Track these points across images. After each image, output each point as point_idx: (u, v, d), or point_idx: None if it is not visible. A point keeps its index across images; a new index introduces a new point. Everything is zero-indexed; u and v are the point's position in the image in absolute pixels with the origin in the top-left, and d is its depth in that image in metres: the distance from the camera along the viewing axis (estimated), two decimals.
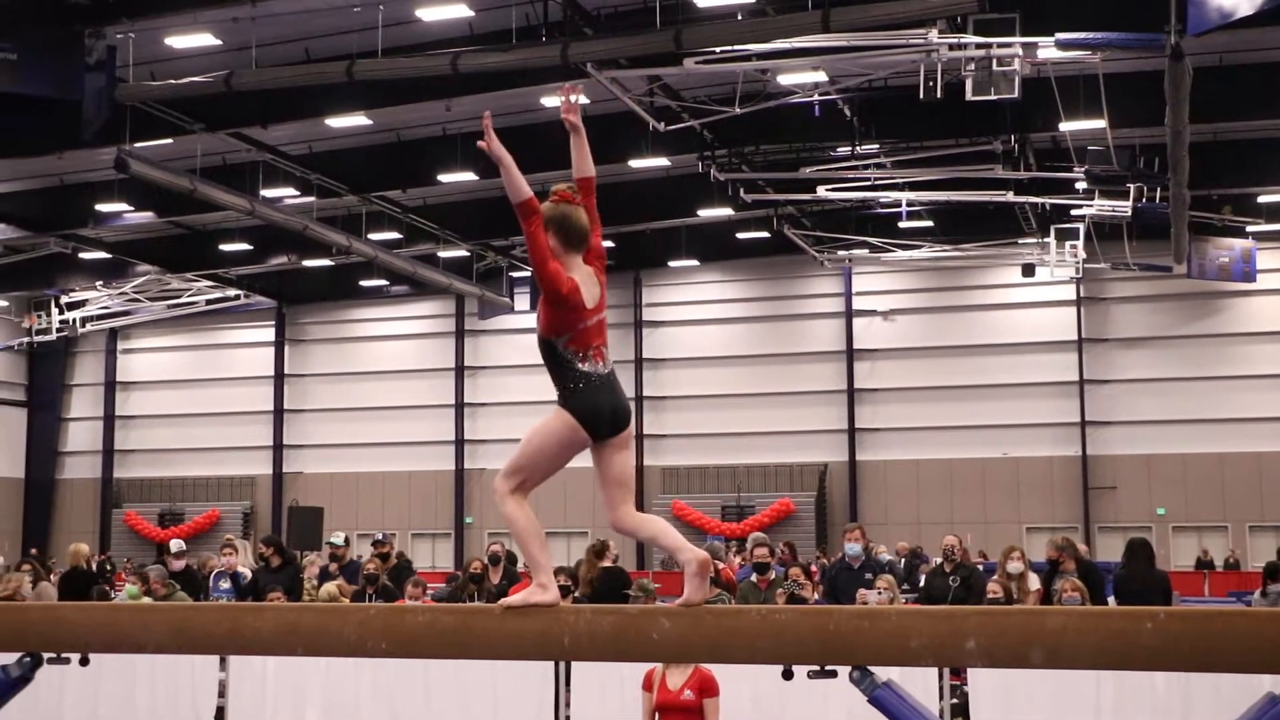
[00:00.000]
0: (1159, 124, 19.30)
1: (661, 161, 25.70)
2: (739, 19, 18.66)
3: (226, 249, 31.56)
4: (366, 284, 34.90)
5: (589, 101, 22.93)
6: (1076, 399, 31.95)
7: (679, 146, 24.48)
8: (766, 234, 30.66)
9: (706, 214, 29.44)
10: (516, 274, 32.96)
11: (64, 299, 35.92)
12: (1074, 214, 26.44)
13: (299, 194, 27.00)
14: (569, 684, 9.05)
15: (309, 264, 33.00)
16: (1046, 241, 27.58)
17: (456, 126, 24.67)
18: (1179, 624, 3.99)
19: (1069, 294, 32.06)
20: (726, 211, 28.86)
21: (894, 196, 26.54)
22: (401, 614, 4.89)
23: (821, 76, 21.02)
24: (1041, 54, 18.26)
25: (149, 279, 34.60)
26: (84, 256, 32.76)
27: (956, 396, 32.55)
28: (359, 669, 9.11)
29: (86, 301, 36.06)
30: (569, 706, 9.08)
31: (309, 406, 37.92)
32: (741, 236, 31.74)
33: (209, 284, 35.20)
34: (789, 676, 4.39)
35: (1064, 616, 4.18)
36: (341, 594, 11.70)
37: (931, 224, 29.48)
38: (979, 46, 17.61)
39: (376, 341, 37.56)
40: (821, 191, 25.86)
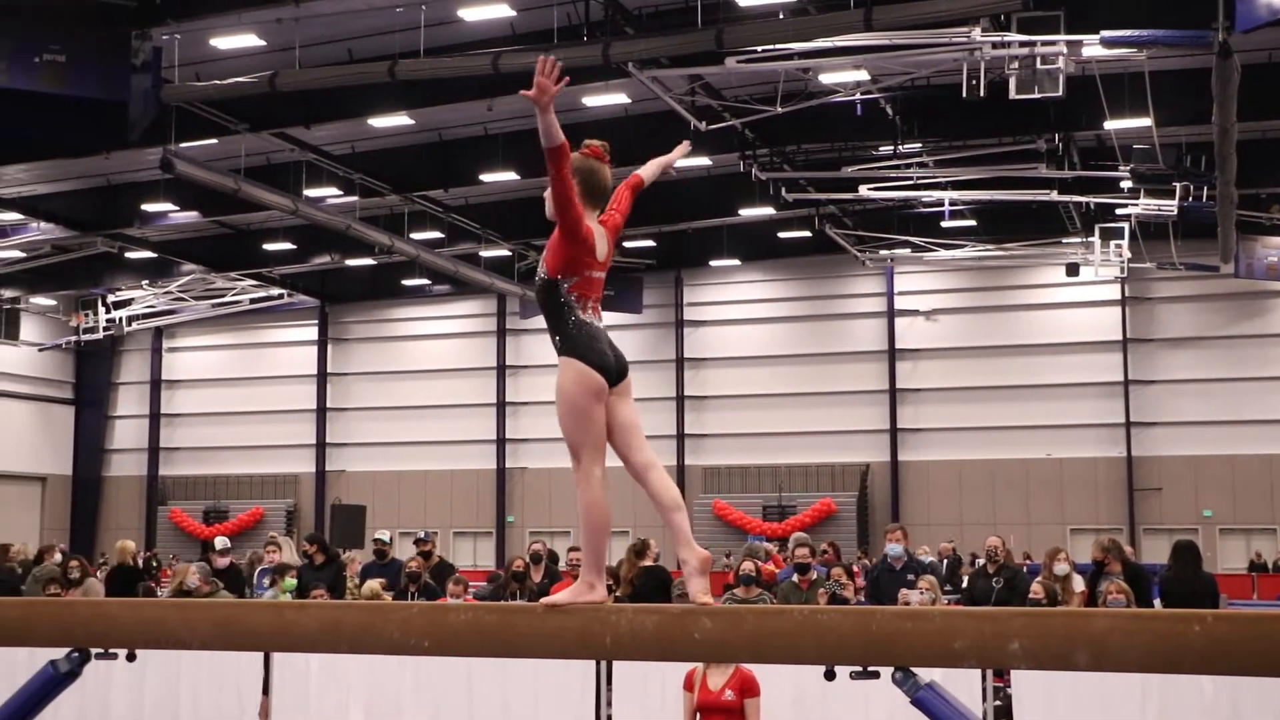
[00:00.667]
0: (1206, 122, 19.11)
1: (703, 161, 25.65)
2: (781, 18, 18.63)
3: (270, 248, 31.79)
4: (408, 283, 35.05)
5: (630, 100, 22.99)
6: (1121, 399, 31.68)
7: (720, 146, 24.44)
8: (808, 233, 30.57)
9: (748, 213, 29.40)
10: None
11: (110, 298, 36.26)
12: (1119, 213, 26.20)
13: (342, 194, 27.15)
14: (610, 683, 9.05)
15: (351, 263, 33.18)
16: (1091, 241, 27.32)
17: (498, 126, 24.75)
18: (1228, 627, 3.93)
19: (1114, 294, 31.78)
20: (768, 211, 28.79)
21: (936, 195, 26.42)
22: (444, 612, 4.91)
23: (864, 75, 20.94)
24: (1086, 52, 18.07)
25: (194, 278, 34.91)
26: (130, 256, 33.09)
27: (1000, 397, 32.34)
28: (401, 667, 9.14)
29: (132, 300, 36.40)
30: (610, 706, 9.08)
31: (351, 405, 38.12)
32: (783, 236, 31.65)
33: (253, 283, 35.46)
34: (831, 677, 4.38)
35: (1110, 619, 4.15)
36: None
37: (974, 223, 29.32)
38: (1023, 45, 17.49)
39: (418, 340, 37.71)
40: (863, 191, 25.77)
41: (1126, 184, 24.37)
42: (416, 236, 29.52)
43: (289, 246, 31.32)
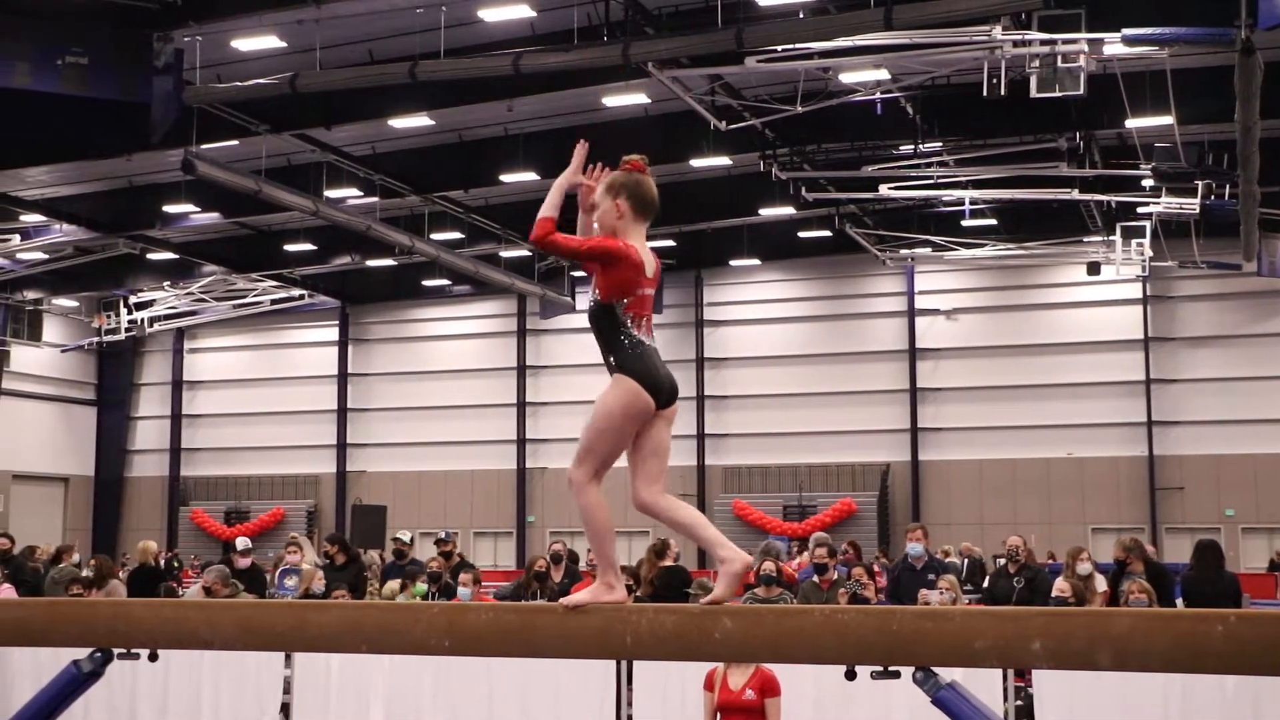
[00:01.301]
0: (1228, 120, 19.01)
1: (723, 160, 25.64)
2: (801, 17, 18.58)
3: (291, 249, 31.89)
4: (429, 284, 35.11)
5: (649, 101, 23.00)
6: (1143, 399, 31.54)
7: (740, 145, 24.43)
8: (828, 233, 30.52)
9: (768, 213, 29.35)
10: (578, 273, 33.02)
11: (132, 299, 36.44)
12: (1141, 211, 26.07)
13: (362, 194, 27.21)
14: (630, 683, 9.06)
15: (372, 264, 33.24)
16: (1112, 239, 27.18)
17: (518, 126, 24.77)
18: (1251, 627, 3.91)
19: (1135, 292, 31.64)
20: (788, 210, 28.75)
21: (957, 194, 26.32)
22: (464, 611, 4.92)
23: (884, 74, 20.89)
24: (1108, 50, 17.99)
25: (215, 279, 35.06)
26: (152, 257, 33.21)
27: (1021, 396, 32.24)
28: (422, 666, 9.16)
29: (154, 301, 36.57)
30: (630, 706, 9.08)
31: (372, 406, 38.21)
32: (803, 235, 31.60)
33: (273, 284, 35.58)
34: (852, 677, 4.37)
35: (1132, 619, 4.13)
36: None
37: (995, 222, 29.22)
38: (1043, 43, 17.42)
39: (439, 341, 37.77)
40: (884, 190, 25.71)
41: (1148, 182, 24.24)
42: (437, 237, 29.57)
43: (310, 247, 31.42)
